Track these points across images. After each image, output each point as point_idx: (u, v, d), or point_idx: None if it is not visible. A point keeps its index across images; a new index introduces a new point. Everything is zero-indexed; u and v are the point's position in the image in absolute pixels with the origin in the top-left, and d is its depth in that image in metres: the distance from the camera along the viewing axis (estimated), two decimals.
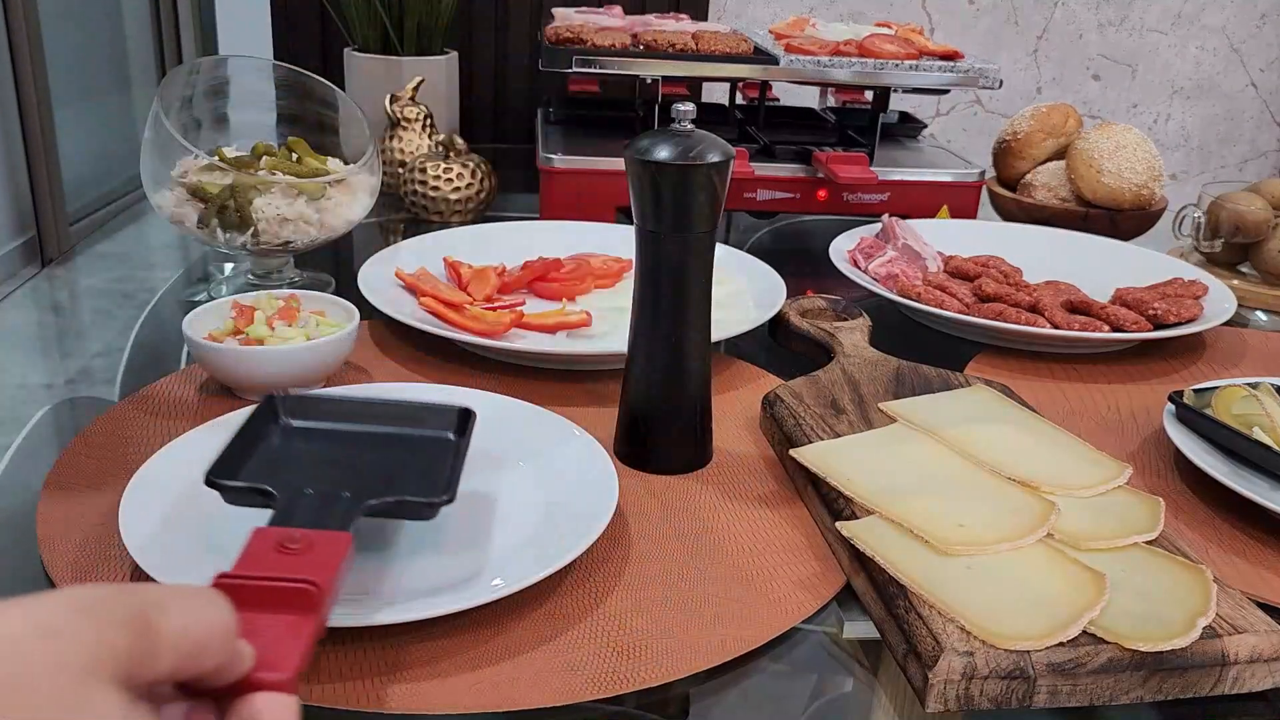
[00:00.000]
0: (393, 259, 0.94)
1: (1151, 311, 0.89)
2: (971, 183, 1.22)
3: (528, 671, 0.49)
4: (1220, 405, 0.72)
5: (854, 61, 1.15)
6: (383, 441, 0.58)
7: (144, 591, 0.31)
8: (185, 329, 0.73)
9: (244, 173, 0.89)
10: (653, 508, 0.63)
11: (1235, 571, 0.60)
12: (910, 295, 0.91)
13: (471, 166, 1.17)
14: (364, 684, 0.47)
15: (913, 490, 0.59)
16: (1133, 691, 0.48)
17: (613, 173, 1.14)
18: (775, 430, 0.71)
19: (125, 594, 0.31)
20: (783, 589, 0.56)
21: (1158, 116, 2.05)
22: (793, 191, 1.18)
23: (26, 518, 0.59)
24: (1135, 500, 0.60)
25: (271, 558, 0.42)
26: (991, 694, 0.47)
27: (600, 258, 0.98)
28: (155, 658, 0.31)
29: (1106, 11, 1.95)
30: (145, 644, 0.30)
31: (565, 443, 0.65)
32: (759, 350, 0.89)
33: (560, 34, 1.13)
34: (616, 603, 0.54)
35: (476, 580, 0.53)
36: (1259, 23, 1.99)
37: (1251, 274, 1.13)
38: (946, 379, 0.76)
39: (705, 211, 0.62)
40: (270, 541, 0.43)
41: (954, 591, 0.50)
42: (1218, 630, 0.49)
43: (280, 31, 1.59)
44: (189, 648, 0.32)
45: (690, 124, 0.62)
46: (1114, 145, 1.17)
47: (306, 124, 1.03)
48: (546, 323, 0.84)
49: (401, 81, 1.28)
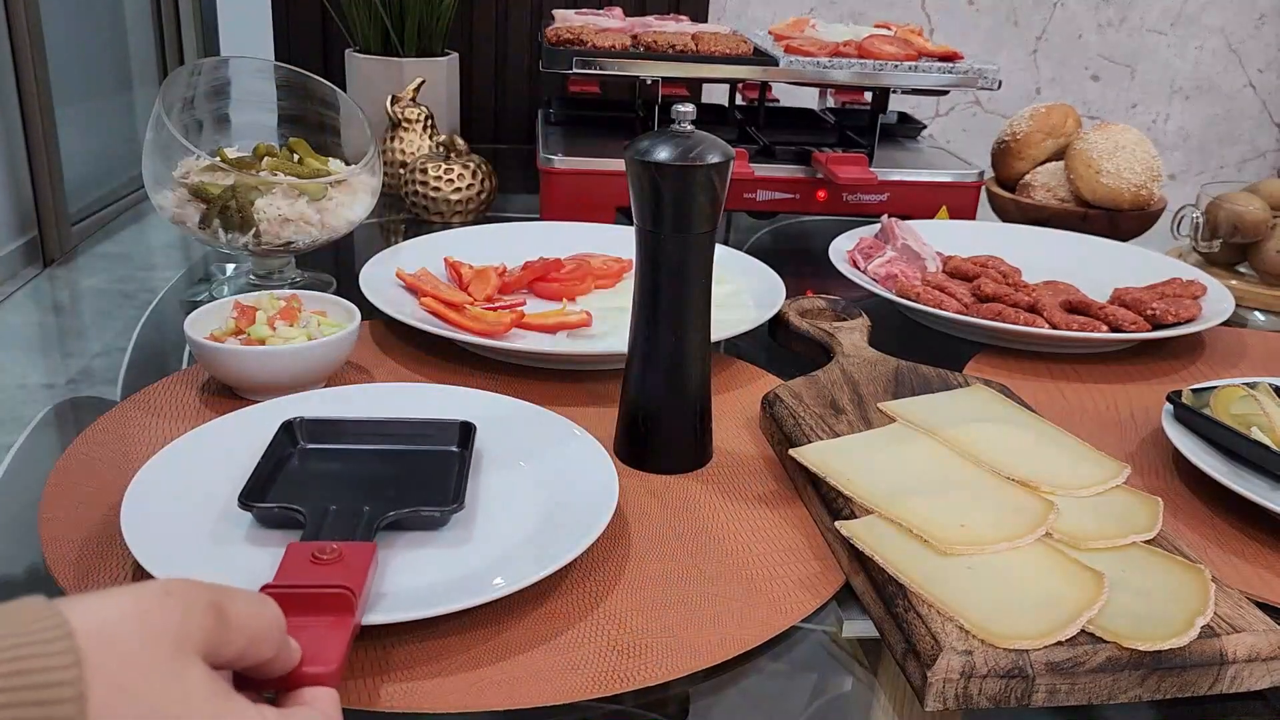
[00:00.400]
0: (393, 259, 0.94)
1: (1150, 311, 0.89)
2: (971, 183, 1.22)
3: (528, 671, 0.49)
4: (1219, 405, 0.72)
5: (853, 62, 1.15)
6: (392, 458, 0.64)
7: (213, 586, 0.36)
8: (187, 329, 0.73)
9: (245, 173, 0.89)
10: (653, 508, 0.64)
11: (1234, 571, 0.60)
12: (909, 295, 0.91)
13: (472, 167, 1.17)
14: (364, 683, 0.47)
15: (912, 490, 0.59)
16: (1131, 690, 0.49)
17: (613, 173, 1.14)
18: (775, 430, 0.71)
19: (200, 585, 0.36)
20: (782, 588, 0.56)
21: (1157, 117, 2.05)
22: (792, 192, 1.18)
23: (29, 518, 0.59)
24: (1134, 500, 0.60)
25: (307, 568, 0.48)
26: (990, 693, 0.47)
27: (600, 258, 0.98)
28: (228, 641, 0.36)
29: (1106, 12, 1.96)
30: (221, 627, 0.35)
31: (565, 443, 0.65)
32: (759, 350, 0.89)
33: (560, 35, 1.13)
34: (616, 602, 0.54)
35: (476, 580, 0.53)
36: (1258, 23, 1.99)
37: (1250, 274, 1.13)
38: (946, 379, 0.76)
39: (705, 212, 0.62)
40: (304, 554, 0.49)
41: (953, 591, 0.51)
42: (1216, 629, 0.49)
43: (281, 32, 1.59)
44: (253, 634, 0.37)
45: (690, 125, 0.62)
46: (1113, 145, 1.17)
47: (308, 125, 1.03)
48: (547, 323, 0.84)
49: (402, 82, 1.28)
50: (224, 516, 0.57)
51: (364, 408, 0.67)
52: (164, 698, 0.33)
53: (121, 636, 0.32)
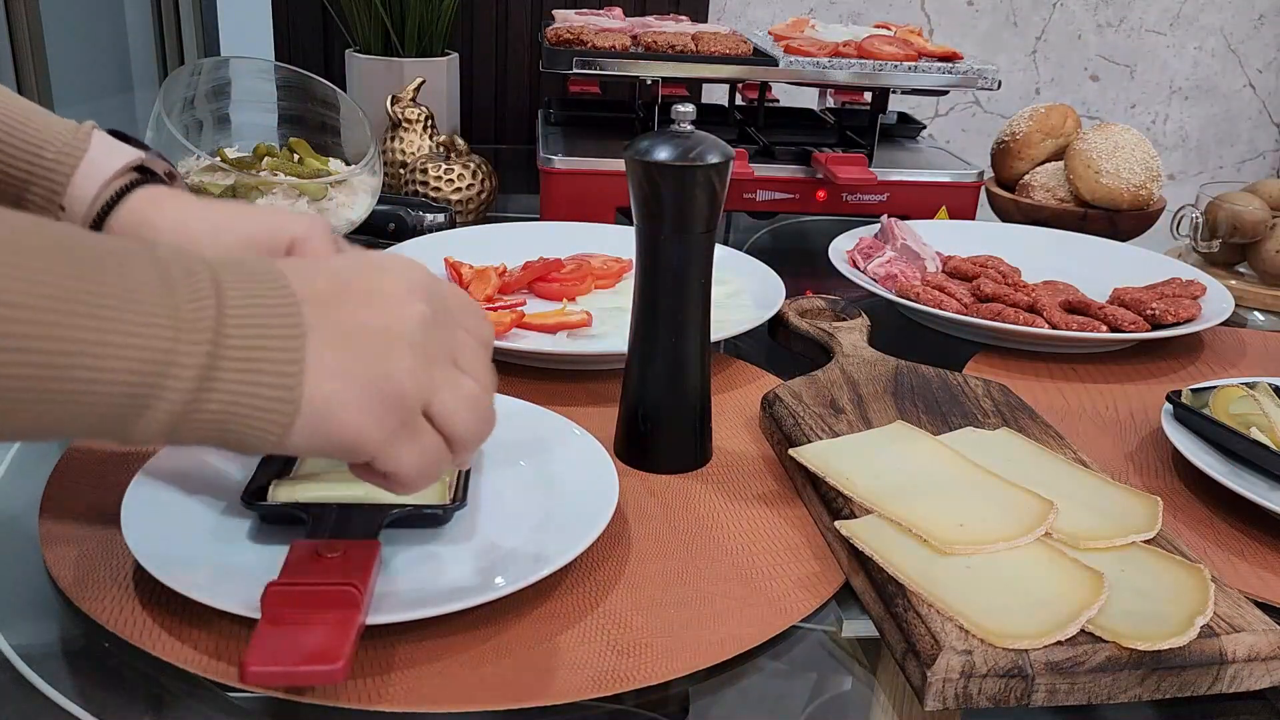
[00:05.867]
0: None
1: (1149, 311, 0.89)
2: (970, 183, 1.22)
3: (528, 671, 0.49)
4: (1218, 405, 0.72)
5: (853, 63, 1.15)
6: None
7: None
8: None
9: (246, 173, 0.89)
10: (653, 508, 0.64)
11: (1233, 570, 0.60)
12: (909, 295, 0.91)
13: (472, 167, 1.17)
14: (364, 683, 0.48)
15: (911, 490, 0.59)
16: (1131, 690, 0.49)
17: (613, 173, 1.14)
18: (774, 430, 0.71)
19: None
20: (782, 588, 0.57)
21: (1156, 117, 2.05)
22: (792, 192, 1.18)
23: (29, 518, 0.59)
24: (1133, 499, 0.60)
25: (313, 565, 0.48)
26: (990, 692, 0.47)
27: (600, 258, 0.98)
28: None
29: (1105, 12, 1.96)
30: (438, 310, 0.45)
31: (565, 443, 0.65)
32: (759, 350, 0.89)
33: (560, 35, 1.13)
34: (616, 602, 0.54)
35: (476, 580, 0.53)
36: (1257, 23, 1.99)
37: (1249, 274, 1.13)
38: (945, 379, 0.77)
39: (705, 212, 0.62)
40: (309, 551, 0.49)
41: (952, 590, 0.51)
42: (1215, 629, 0.49)
43: (282, 33, 1.59)
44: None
45: (690, 125, 0.62)
46: (1112, 146, 1.17)
47: (308, 125, 1.04)
48: (547, 323, 0.84)
49: (402, 82, 1.28)
50: (225, 516, 0.57)
51: None
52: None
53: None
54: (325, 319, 0.40)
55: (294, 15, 1.58)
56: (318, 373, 0.39)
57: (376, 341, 0.41)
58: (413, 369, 0.42)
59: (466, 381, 0.45)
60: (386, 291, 0.43)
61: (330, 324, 0.40)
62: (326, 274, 0.42)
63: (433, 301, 0.44)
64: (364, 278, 0.43)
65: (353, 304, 0.42)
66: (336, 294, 0.41)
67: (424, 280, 0.44)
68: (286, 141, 1.01)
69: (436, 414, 0.44)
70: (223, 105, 1.02)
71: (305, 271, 0.42)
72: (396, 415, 0.42)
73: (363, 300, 0.42)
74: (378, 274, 0.43)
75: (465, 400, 0.44)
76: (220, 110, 1.02)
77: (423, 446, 0.44)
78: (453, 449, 0.45)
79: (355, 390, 0.40)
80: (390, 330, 0.42)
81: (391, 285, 0.43)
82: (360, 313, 0.41)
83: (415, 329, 0.42)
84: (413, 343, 0.42)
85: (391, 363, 0.41)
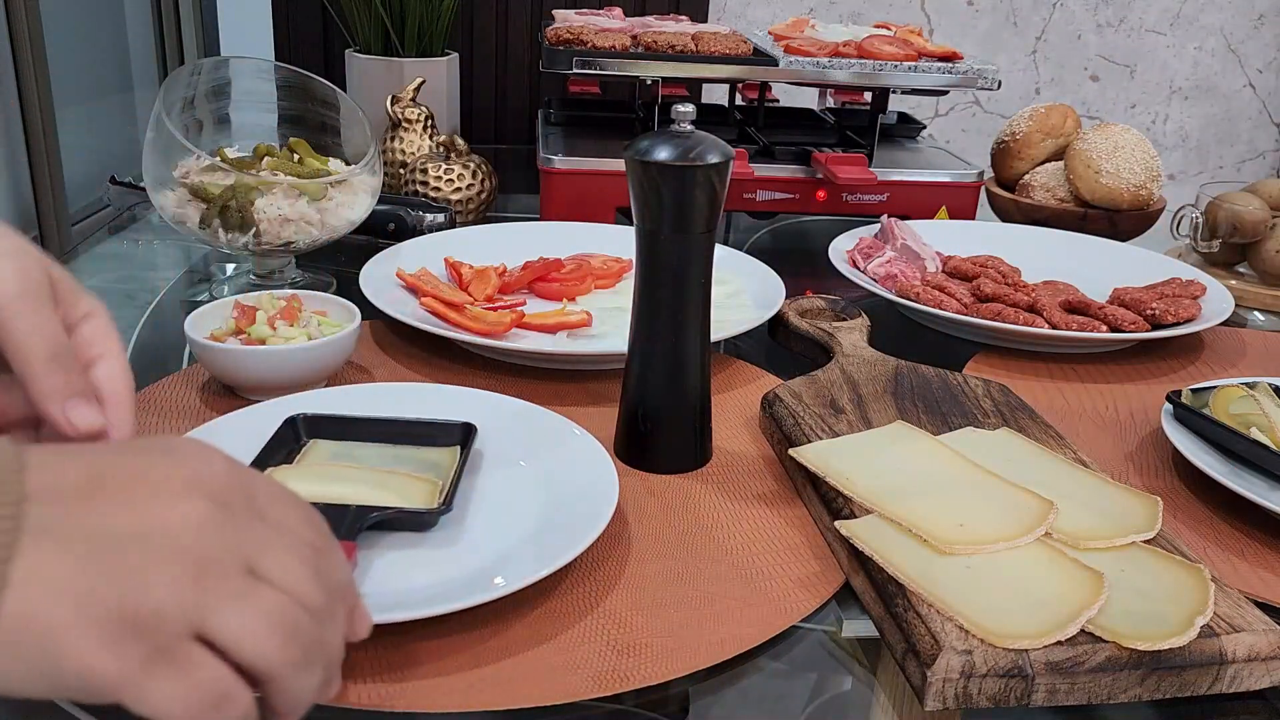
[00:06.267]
0: (394, 259, 0.94)
1: (1149, 311, 0.89)
2: (970, 183, 1.22)
3: (528, 671, 0.49)
4: (1218, 405, 0.72)
5: (853, 63, 1.15)
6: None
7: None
8: (187, 329, 0.73)
9: (246, 173, 0.89)
10: (653, 508, 0.64)
11: (1233, 570, 0.60)
12: (909, 295, 0.91)
13: (472, 167, 1.17)
14: (364, 682, 0.48)
15: (911, 490, 0.59)
16: (1130, 690, 0.49)
17: (613, 173, 1.14)
18: (774, 430, 0.71)
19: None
20: (782, 588, 0.57)
21: (1156, 117, 2.05)
22: (792, 192, 1.18)
23: None
24: (1133, 499, 0.60)
25: None
26: (990, 692, 0.47)
27: (600, 258, 0.98)
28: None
29: (1105, 12, 1.96)
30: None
31: (565, 443, 0.65)
32: (759, 350, 0.89)
33: (560, 35, 1.13)
34: (616, 602, 0.54)
35: (477, 579, 0.53)
36: (1257, 23, 1.99)
37: (1249, 274, 1.13)
38: (945, 379, 0.77)
39: (705, 212, 0.62)
40: None
41: (952, 590, 0.51)
42: (1215, 629, 0.49)
43: (281, 32, 1.59)
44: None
45: (690, 125, 0.62)
46: (1112, 146, 1.17)
47: (308, 125, 1.03)
48: (547, 323, 0.84)
49: (402, 82, 1.28)
50: None
51: (364, 407, 0.67)
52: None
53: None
54: (65, 520, 0.33)
55: (294, 15, 1.58)
56: (33, 587, 0.31)
57: (128, 549, 0.33)
58: (175, 583, 0.33)
59: (266, 593, 0.35)
60: (155, 484, 0.35)
61: (70, 527, 0.33)
62: (84, 463, 0.34)
63: (223, 496, 0.35)
64: (128, 468, 0.35)
65: (106, 501, 0.34)
66: (89, 488, 0.34)
67: (217, 471, 0.36)
68: (286, 141, 1.01)
69: (217, 637, 0.34)
70: (223, 105, 1.02)
71: (58, 461, 0.34)
72: (146, 643, 0.32)
73: (121, 496, 0.34)
74: (150, 463, 0.35)
75: (260, 617, 0.34)
76: (220, 110, 1.02)
77: (194, 681, 0.33)
78: (256, 680, 0.35)
79: (86, 611, 0.32)
80: (149, 535, 0.33)
81: (162, 477, 0.35)
82: (113, 513, 0.33)
83: (185, 532, 0.34)
84: (179, 549, 0.33)
85: (144, 575, 0.33)
